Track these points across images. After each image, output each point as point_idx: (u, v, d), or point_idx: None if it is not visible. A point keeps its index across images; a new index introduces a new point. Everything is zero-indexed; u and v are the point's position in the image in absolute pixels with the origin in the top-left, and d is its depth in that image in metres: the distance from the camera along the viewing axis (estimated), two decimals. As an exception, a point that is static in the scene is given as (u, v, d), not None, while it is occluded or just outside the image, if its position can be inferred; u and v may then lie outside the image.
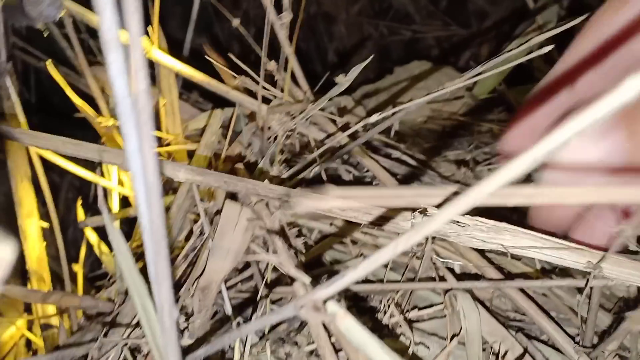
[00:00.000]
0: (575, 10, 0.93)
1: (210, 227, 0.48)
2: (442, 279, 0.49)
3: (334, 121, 0.61)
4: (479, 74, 0.48)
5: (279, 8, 0.56)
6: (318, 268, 0.54)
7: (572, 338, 0.44)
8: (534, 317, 0.46)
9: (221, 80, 0.67)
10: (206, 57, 0.70)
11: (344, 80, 0.52)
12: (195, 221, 0.52)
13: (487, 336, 0.44)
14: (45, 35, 0.46)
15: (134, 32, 0.18)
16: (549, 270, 0.54)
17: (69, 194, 1.27)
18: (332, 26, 1.48)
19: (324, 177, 0.59)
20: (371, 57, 0.56)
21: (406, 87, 0.96)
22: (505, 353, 0.43)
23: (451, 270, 0.53)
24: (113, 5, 0.21)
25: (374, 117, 0.47)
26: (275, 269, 0.46)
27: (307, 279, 0.31)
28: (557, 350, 0.44)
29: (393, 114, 0.50)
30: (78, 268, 0.72)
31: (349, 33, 1.47)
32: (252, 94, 0.62)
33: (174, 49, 0.95)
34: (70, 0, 0.48)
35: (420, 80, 0.96)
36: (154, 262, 0.21)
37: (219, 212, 0.50)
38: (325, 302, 0.24)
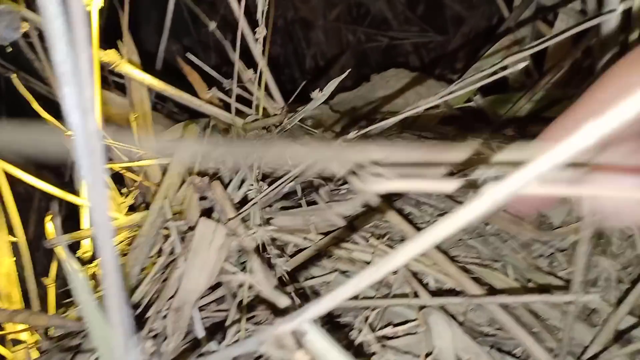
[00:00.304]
0: (551, 23, 0.94)
1: (183, 245, 0.47)
2: (417, 295, 0.49)
3: (310, 134, 0.61)
4: (453, 91, 0.48)
5: (253, 13, 0.56)
6: (292, 284, 0.54)
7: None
8: (512, 332, 0.47)
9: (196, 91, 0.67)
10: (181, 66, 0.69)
11: (319, 96, 0.52)
12: (169, 237, 0.52)
13: (460, 353, 0.44)
14: (9, 50, 0.45)
15: (85, 69, 0.17)
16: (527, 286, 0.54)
17: (42, 203, 1.24)
18: (310, 32, 1.48)
19: (299, 191, 0.59)
20: (348, 70, 0.56)
21: (385, 98, 0.96)
22: (479, 370, 0.43)
23: (426, 285, 0.53)
24: (66, 35, 0.20)
25: (352, 135, 0.47)
26: (252, 286, 0.45)
27: (285, 301, 0.31)
28: (530, 365, 0.45)
29: (372, 124, 0.50)
30: (49, 281, 0.70)
31: (327, 39, 1.48)
32: (227, 106, 0.61)
33: (149, 55, 0.93)
34: (34, 13, 0.46)
35: (399, 91, 0.96)
36: (111, 305, 0.20)
37: (192, 228, 0.49)
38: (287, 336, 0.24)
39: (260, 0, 0.53)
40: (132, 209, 0.67)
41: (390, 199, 0.62)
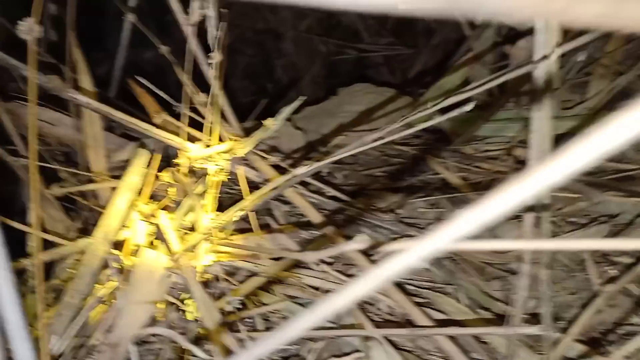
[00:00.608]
0: (510, 37, 0.95)
1: (122, 277, 0.46)
2: (362, 326, 0.49)
3: (266, 159, 0.61)
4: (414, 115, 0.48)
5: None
6: (243, 310, 0.53)
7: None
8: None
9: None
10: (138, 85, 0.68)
11: (272, 124, 0.52)
12: (111, 267, 0.51)
13: (403, 386, 0.44)
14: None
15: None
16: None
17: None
18: (281, 43, 1.47)
19: (255, 215, 0.58)
20: (305, 97, 0.55)
21: (350, 113, 0.96)
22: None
23: (376, 311, 0.53)
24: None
25: (303, 169, 0.46)
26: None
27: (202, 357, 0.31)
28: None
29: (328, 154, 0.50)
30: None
31: (297, 50, 1.47)
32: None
33: (108, 75, 0.91)
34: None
35: (364, 105, 0.97)
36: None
37: (135, 260, 0.49)
38: None
39: (211, 25, 0.53)
40: (83, 231, 0.66)
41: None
